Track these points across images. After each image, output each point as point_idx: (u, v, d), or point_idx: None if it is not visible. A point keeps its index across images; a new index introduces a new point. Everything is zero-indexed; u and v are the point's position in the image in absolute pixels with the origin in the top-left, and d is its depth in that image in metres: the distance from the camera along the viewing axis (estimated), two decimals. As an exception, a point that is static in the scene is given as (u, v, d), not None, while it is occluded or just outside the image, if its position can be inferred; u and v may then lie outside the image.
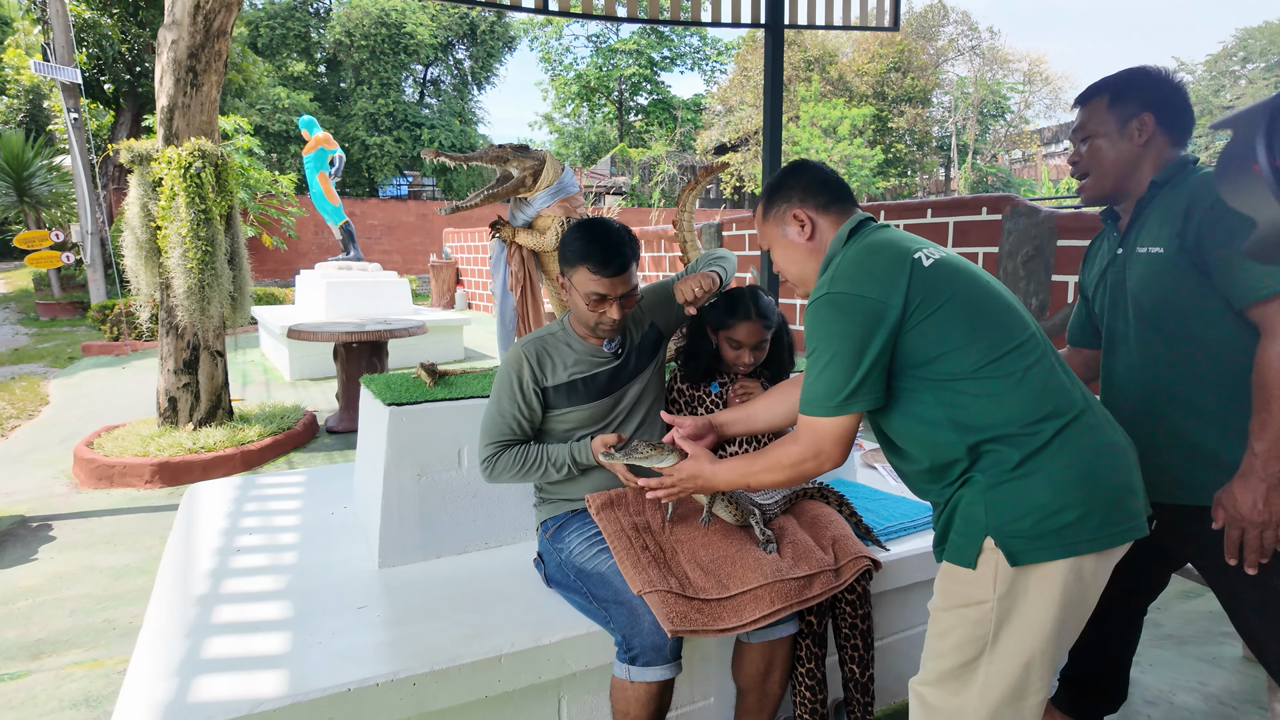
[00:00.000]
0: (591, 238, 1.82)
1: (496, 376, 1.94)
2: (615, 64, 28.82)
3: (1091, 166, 1.65)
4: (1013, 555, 1.28)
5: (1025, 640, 1.31)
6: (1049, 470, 1.27)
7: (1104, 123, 1.62)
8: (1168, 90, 1.59)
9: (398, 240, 20.02)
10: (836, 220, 1.50)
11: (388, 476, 2.09)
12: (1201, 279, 1.50)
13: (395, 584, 1.98)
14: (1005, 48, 30.21)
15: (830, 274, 1.38)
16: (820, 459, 1.39)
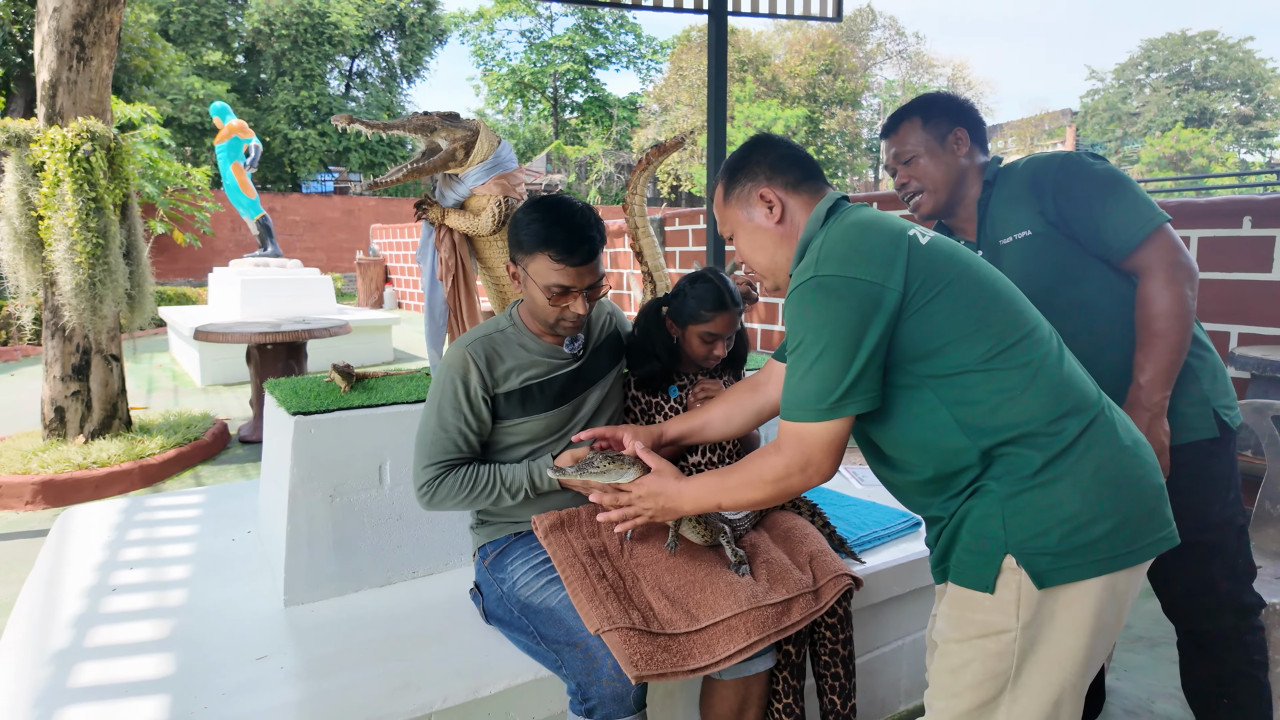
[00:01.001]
0: (553, 220, 1.54)
1: (435, 383, 1.64)
2: (550, 60, 28.34)
3: (924, 183, 1.70)
4: (1039, 576, 1.09)
5: (1054, 673, 1.12)
6: (1077, 475, 1.10)
7: (923, 142, 1.69)
8: (965, 106, 1.72)
9: (322, 237, 19.17)
10: (808, 200, 1.30)
11: (294, 498, 1.78)
12: (1076, 247, 1.58)
13: (304, 626, 1.68)
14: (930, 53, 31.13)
15: (816, 256, 1.17)
16: (809, 472, 1.18)
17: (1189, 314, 1.49)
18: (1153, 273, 1.51)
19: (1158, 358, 1.48)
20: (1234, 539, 1.59)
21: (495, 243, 2.11)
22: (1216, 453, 1.57)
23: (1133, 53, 32.73)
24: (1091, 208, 1.54)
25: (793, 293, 1.18)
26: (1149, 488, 1.14)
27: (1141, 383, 1.50)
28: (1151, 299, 1.50)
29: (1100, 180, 1.54)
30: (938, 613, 1.28)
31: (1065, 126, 29.10)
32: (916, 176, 1.70)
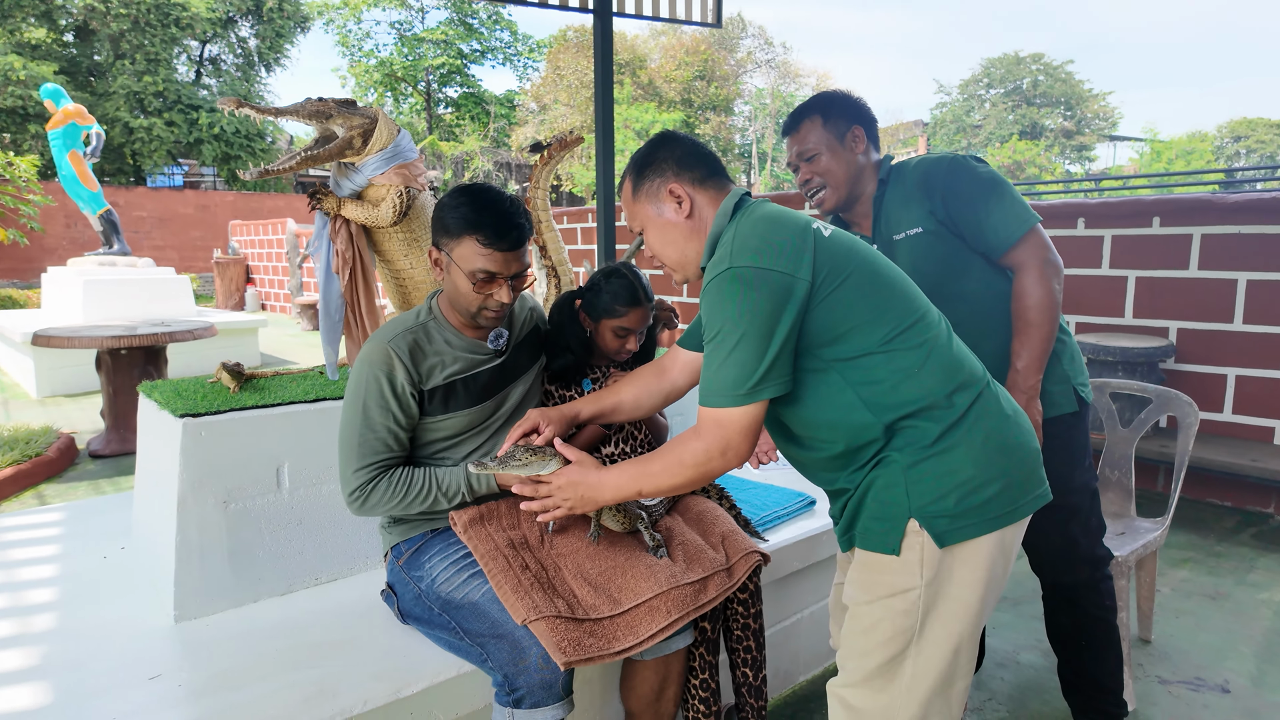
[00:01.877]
0: (481, 204, 1.52)
1: (355, 382, 1.57)
2: (422, 53, 27.40)
3: (825, 180, 1.79)
4: (939, 536, 1.20)
5: (953, 624, 1.23)
6: (969, 443, 1.21)
7: (824, 140, 1.77)
8: (860, 106, 1.81)
9: (173, 234, 17.71)
10: (715, 196, 1.35)
11: (183, 506, 1.66)
12: (961, 244, 1.72)
13: (200, 641, 1.57)
14: (797, 63, 32.63)
15: (729, 249, 1.22)
16: (728, 455, 1.24)
17: (1057, 306, 1.66)
18: (1027, 268, 1.66)
19: (1032, 345, 1.65)
20: (1089, 501, 1.80)
21: (395, 235, 2.05)
22: (1076, 425, 1.77)
23: (974, 70, 35.70)
24: (975, 208, 1.68)
25: (709, 284, 1.23)
26: (1028, 452, 1.27)
27: (1019, 367, 1.66)
28: (1026, 292, 1.66)
29: (983, 183, 1.69)
30: (846, 579, 1.37)
31: (918, 136, 31.31)
32: (818, 173, 1.78)
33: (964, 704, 1.30)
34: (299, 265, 11.98)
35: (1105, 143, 33.53)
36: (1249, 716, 2.09)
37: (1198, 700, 2.17)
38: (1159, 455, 3.59)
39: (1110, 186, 11.35)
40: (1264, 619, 2.64)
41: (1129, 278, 4.00)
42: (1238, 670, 2.32)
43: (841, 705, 1.32)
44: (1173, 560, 3.14)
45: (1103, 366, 3.71)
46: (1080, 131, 32.13)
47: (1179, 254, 3.83)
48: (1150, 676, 2.29)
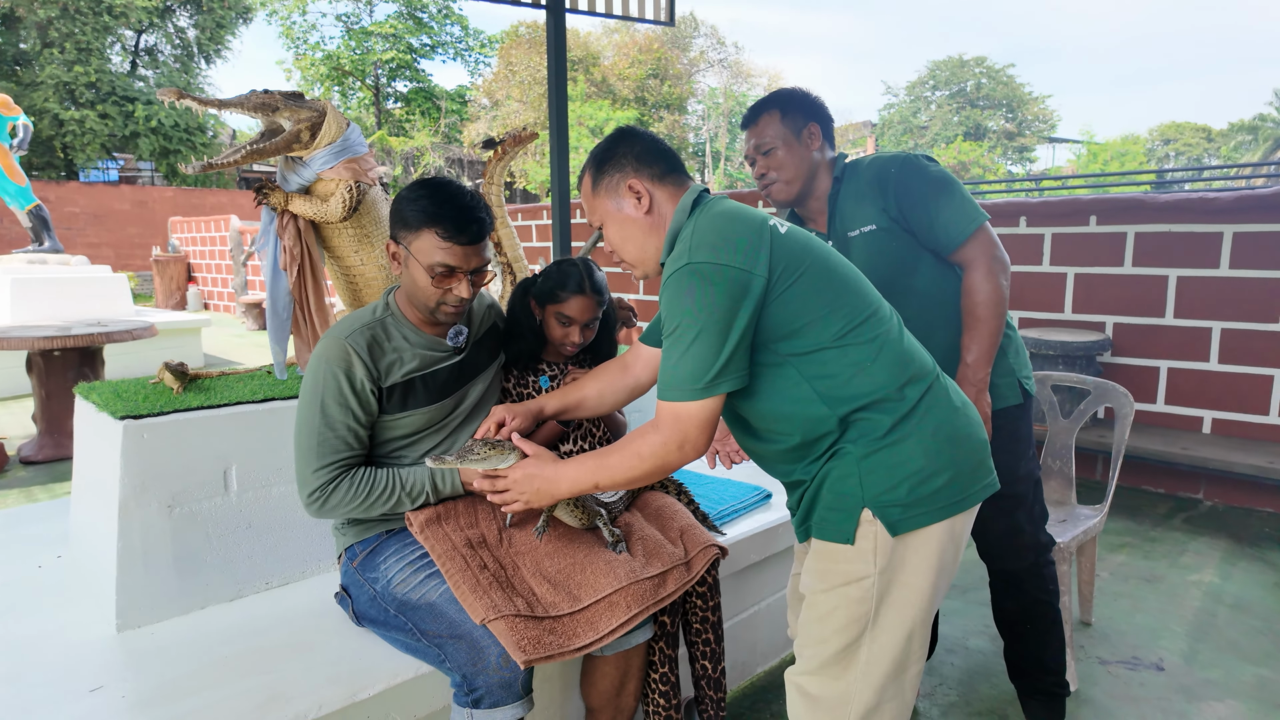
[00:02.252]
0: (442, 198, 1.50)
1: (311, 379, 1.53)
2: (370, 47, 26.85)
3: (781, 174, 1.81)
4: (892, 525, 1.23)
5: (906, 610, 1.26)
6: (919, 434, 1.24)
7: (781, 135, 1.79)
8: (817, 104, 1.84)
9: (109, 231, 17.03)
10: (674, 192, 1.36)
11: (125, 511, 1.60)
12: (912, 241, 1.77)
13: (144, 650, 1.52)
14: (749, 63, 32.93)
15: (688, 244, 1.24)
16: (685, 448, 1.25)
17: (1005, 302, 1.72)
18: (976, 265, 1.71)
19: (981, 340, 1.70)
20: (1033, 490, 1.86)
21: (345, 231, 2.01)
22: (1020, 417, 1.83)
23: (921, 72, 36.55)
24: (926, 206, 1.72)
25: (669, 279, 1.24)
26: (977, 443, 1.31)
27: (968, 361, 1.71)
28: (975, 289, 1.71)
29: (934, 181, 1.73)
30: (802, 569, 1.40)
31: (866, 137, 31.92)
32: (774, 167, 1.80)
33: (917, 689, 1.33)
34: (244, 263, 11.64)
35: (1045, 144, 34.70)
36: (1182, 693, 2.19)
37: (1135, 679, 2.26)
38: (1097, 445, 3.73)
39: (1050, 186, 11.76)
40: (1195, 600, 2.77)
41: (1068, 274, 4.14)
42: (1171, 649, 2.43)
43: (799, 693, 1.34)
44: (1110, 545, 3.27)
45: (1044, 360, 3.84)
46: (1021, 133, 33.17)
47: (1115, 251, 3.99)
48: (1091, 658, 2.38)
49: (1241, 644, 2.46)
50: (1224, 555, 3.16)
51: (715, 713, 1.82)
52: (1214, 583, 2.91)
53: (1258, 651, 2.41)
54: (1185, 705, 2.13)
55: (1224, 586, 2.87)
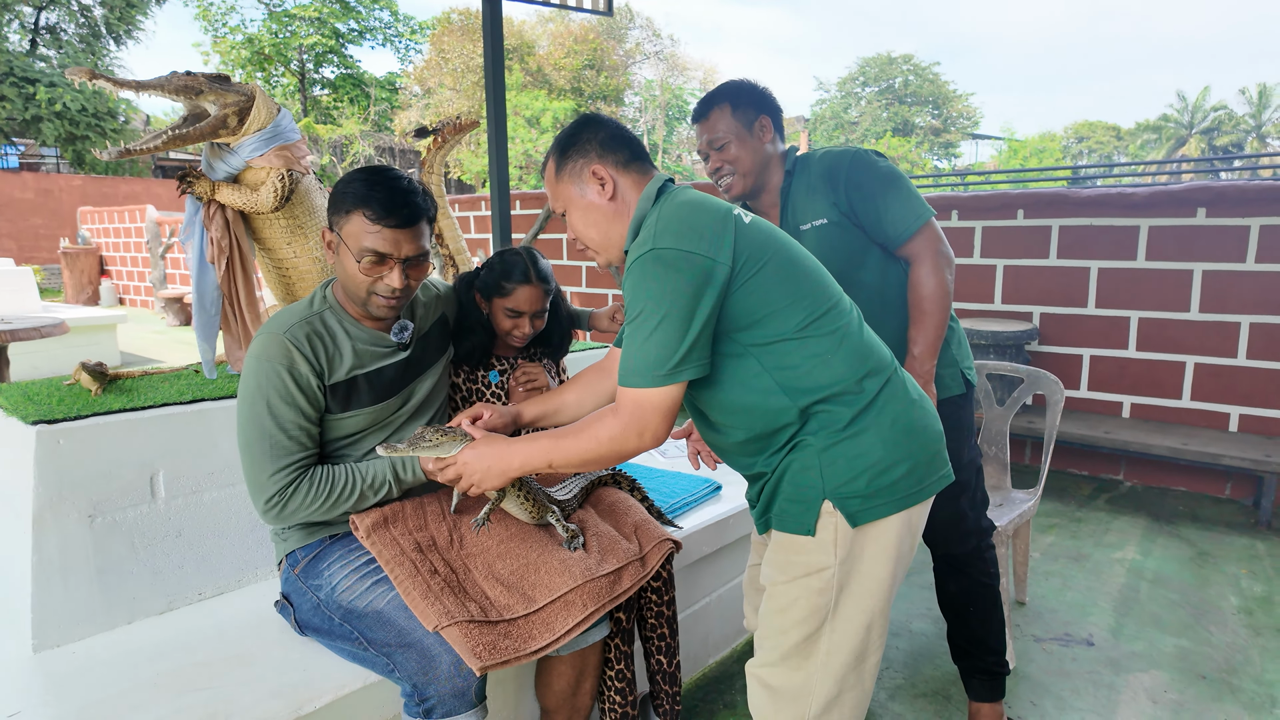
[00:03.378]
0: (376, 180, 1.44)
1: (251, 380, 1.44)
2: (294, 31, 25.80)
3: (735, 167, 1.82)
4: (852, 516, 1.24)
5: (866, 601, 1.28)
6: (878, 427, 1.25)
7: (733, 128, 1.79)
8: (766, 95, 1.84)
9: (9, 222, 15.93)
10: (638, 179, 1.35)
11: (40, 523, 1.49)
12: (861, 235, 1.79)
13: (64, 671, 1.42)
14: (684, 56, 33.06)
15: (652, 231, 1.22)
16: (644, 435, 1.24)
17: (949, 295, 1.75)
18: (922, 260, 1.75)
19: (927, 332, 1.74)
20: (976, 477, 1.91)
21: (277, 222, 1.91)
22: (963, 405, 1.87)
23: (851, 68, 37.37)
24: (874, 201, 1.74)
25: (632, 265, 1.23)
26: (933, 434, 1.33)
27: (915, 354, 1.75)
28: (921, 283, 1.75)
29: (882, 177, 1.75)
30: (763, 561, 1.40)
31: (800, 132, 32.47)
32: (728, 161, 1.80)
33: (875, 677, 1.35)
34: (162, 256, 11.07)
35: (968, 140, 35.99)
36: (1110, 665, 2.30)
37: (1067, 654, 2.36)
38: (1026, 430, 3.89)
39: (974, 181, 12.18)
40: (1119, 576, 2.91)
41: (997, 266, 4.29)
42: (1099, 624, 2.54)
43: (760, 685, 1.34)
44: (1040, 526, 3.41)
45: (977, 349, 3.97)
46: (946, 129, 34.31)
47: (1040, 244, 4.15)
48: (1026, 635, 2.47)
49: (1163, 617, 2.59)
50: (1144, 533, 3.34)
51: (671, 706, 1.81)
52: (1135, 559, 3.06)
53: (1177, 623, 2.55)
54: (1114, 677, 2.24)
55: (1144, 563, 3.03)
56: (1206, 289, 3.75)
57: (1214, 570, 2.95)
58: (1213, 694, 2.15)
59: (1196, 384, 3.84)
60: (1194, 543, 3.22)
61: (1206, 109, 35.09)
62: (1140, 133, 37.26)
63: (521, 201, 6.84)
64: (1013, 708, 2.10)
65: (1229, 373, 3.75)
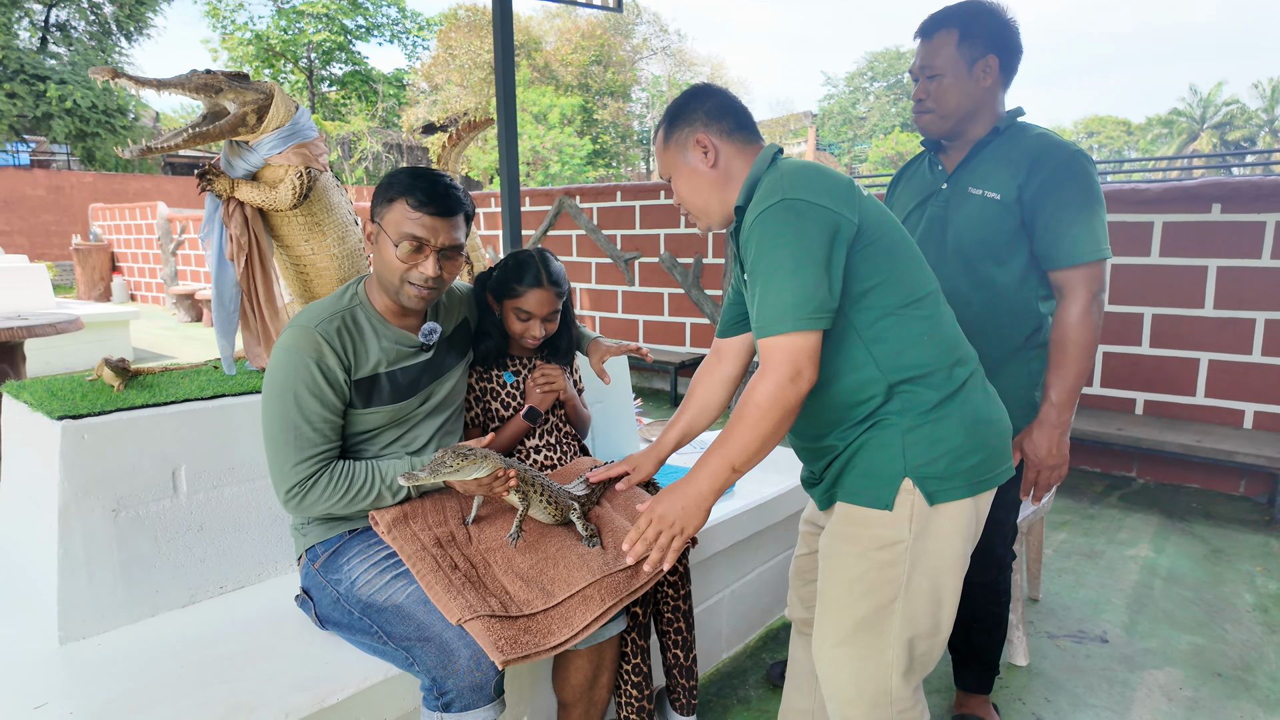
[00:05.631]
0: (419, 174, 1.49)
1: (279, 371, 1.46)
2: (302, 28, 25.85)
3: (936, 104, 1.66)
4: (930, 495, 1.27)
5: (939, 577, 1.31)
6: (961, 414, 1.28)
7: (952, 62, 1.62)
8: (1007, 31, 1.63)
9: (20, 219, 16.06)
10: (742, 149, 1.38)
11: (65, 517, 1.50)
12: (1021, 230, 1.62)
13: (91, 663, 1.44)
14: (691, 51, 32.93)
15: (778, 184, 1.23)
16: (799, 381, 1.20)
17: (1096, 345, 1.60)
18: (1076, 297, 1.58)
19: (1067, 380, 1.59)
20: (1010, 514, 1.84)
21: (295, 219, 1.92)
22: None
23: (859, 63, 37.19)
24: (1064, 211, 1.56)
25: (760, 217, 1.22)
26: (1005, 428, 1.36)
27: (1053, 401, 1.61)
28: (1070, 324, 1.58)
29: (1085, 190, 1.57)
30: (827, 534, 1.39)
31: (807, 127, 32.33)
32: (935, 96, 1.65)
33: (942, 653, 1.38)
34: (172, 252, 11.14)
35: (978, 136, 35.68)
36: (1125, 662, 2.30)
37: (1081, 651, 2.36)
38: (1038, 427, 3.87)
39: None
40: (1132, 573, 2.91)
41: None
42: (1113, 621, 2.54)
43: (834, 664, 1.35)
44: (1053, 523, 3.40)
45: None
46: (955, 124, 34.00)
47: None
48: (1040, 633, 2.47)
49: (1176, 614, 2.59)
50: (1157, 530, 3.33)
51: (687, 700, 1.82)
52: (1149, 557, 3.05)
53: (1191, 621, 2.54)
54: (1128, 674, 2.23)
55: (1158, 560, 3.02)
56: (1221, 285, 3.73)
57: (1228, 568, 2.94)
58: (1228, 691, 2.15)
59: (1210, 381, 3.82)
60: (1207, 540, 3.21)
61: (1218, 103, 34.79)
62: (1151, 127, 36.98)
63: (531, 198, 6.85)
64: (1026, 704, 2.10)
65: (1243, 369, 3.73)
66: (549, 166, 20.99)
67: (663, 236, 5.96)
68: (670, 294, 6.03)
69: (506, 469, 1.50)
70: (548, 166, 21.00)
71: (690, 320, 5.96)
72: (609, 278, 6.39)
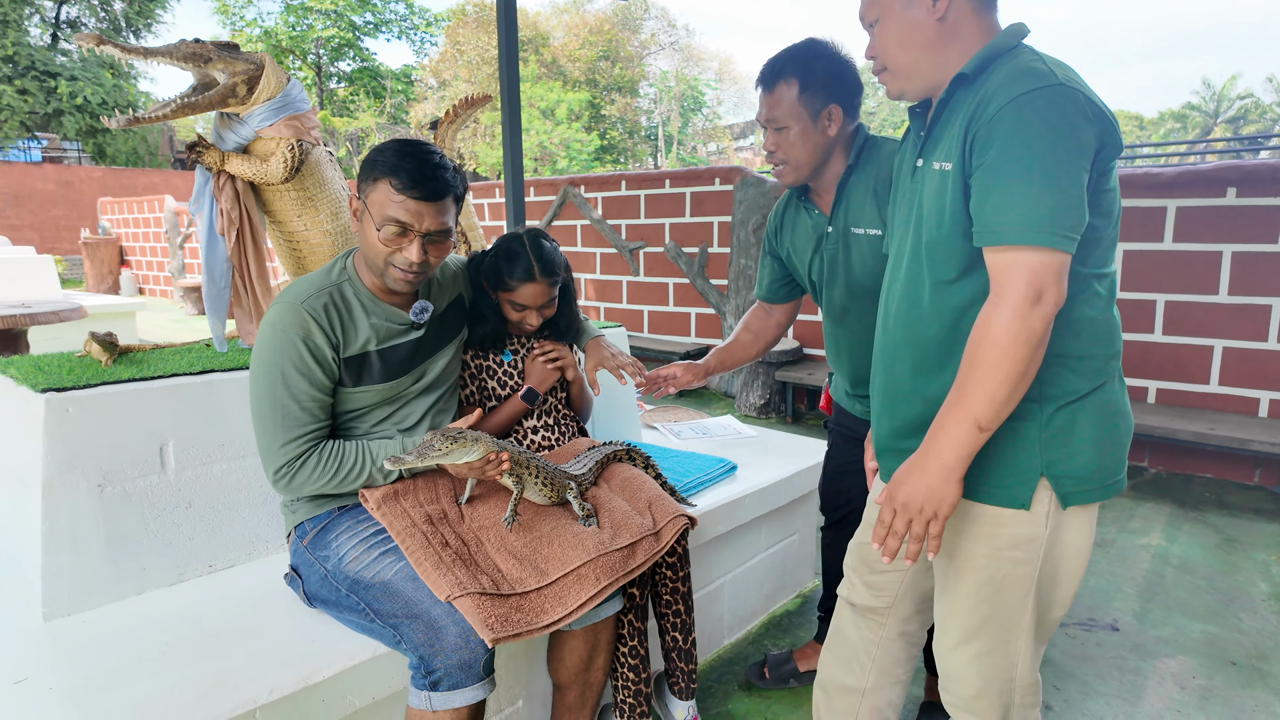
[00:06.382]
0: (407, 150, 1.42)
1: (266, 349, 1.42)
2: (310, 24, 25.90)
3: (788, 156, 1.65)
4: (1065, 497, 1.14)
5: (1064, 576, 1.21)
6: (1103, 411, 1.14)
7: (796, 114, 1.60)
8: (845, 72, 1.61)
9: (31, 213, 16.15)
10: (979, 11, 1.14)
11: (50, 492, 1.47)
12: None
13: (74, 640, 1.41)
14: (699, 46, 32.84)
15: (1046, 68, 1.02)
16: (1043, 304, 0.99)
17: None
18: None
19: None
20: None
21: (287, 193, 1.89)
22: None
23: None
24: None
25: (1024, 97, 1.01)
26: (1130, 434, 1.22)
27: None
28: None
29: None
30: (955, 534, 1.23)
31: (816, 121, 32.03)
32: (784, 149, 1.64)
33: None
34: (180, 245, 11.17)
35: (988, 130, 35.45)
36: (1135, 650, 2.24)
37: (1091, 639, 2.31)
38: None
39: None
40: (1143, 562, 2.85)
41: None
42: (1124, 610, 2.49)
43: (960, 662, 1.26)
44: (1062, 512, 3.34)
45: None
46: (965, 119, 33.78)
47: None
48: (1048, 619, 2.42)
49: (1189, 603, 2.53)
50: (1169, 519, 3.26)
51: (686, 684, 1.78)
52: (1161, 545, 2.99)
53: (1203, 609, 2.49)
54: (1139, 662, 2.18)
55: (1170, 549, 2.96)
56: (1236, 271, 3.66)
57: (1242, 557, 2.88)
58: (1242, 680, 2.09)
59: (1225, 368, 3.75)
60: (1221, 529, 3.15)
61: (1232, 97, 34.43)
62: (1164, 121, 36.63)
63: (535, 188, 6.81)
64: (1035, 691, 2.05)
65: (1259, 357, 3.66)
66: (556, 162, 20.95)
67: (668, 226, 5.91)
68: (675, 284, 5.98)
69: (499, 452, 1.47)
70: (555, 162, 20.96)
71: (695, 310, 5.91)
72: (614, 268, 6.35)
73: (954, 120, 1.11)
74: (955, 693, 1.30)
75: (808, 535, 2.62)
